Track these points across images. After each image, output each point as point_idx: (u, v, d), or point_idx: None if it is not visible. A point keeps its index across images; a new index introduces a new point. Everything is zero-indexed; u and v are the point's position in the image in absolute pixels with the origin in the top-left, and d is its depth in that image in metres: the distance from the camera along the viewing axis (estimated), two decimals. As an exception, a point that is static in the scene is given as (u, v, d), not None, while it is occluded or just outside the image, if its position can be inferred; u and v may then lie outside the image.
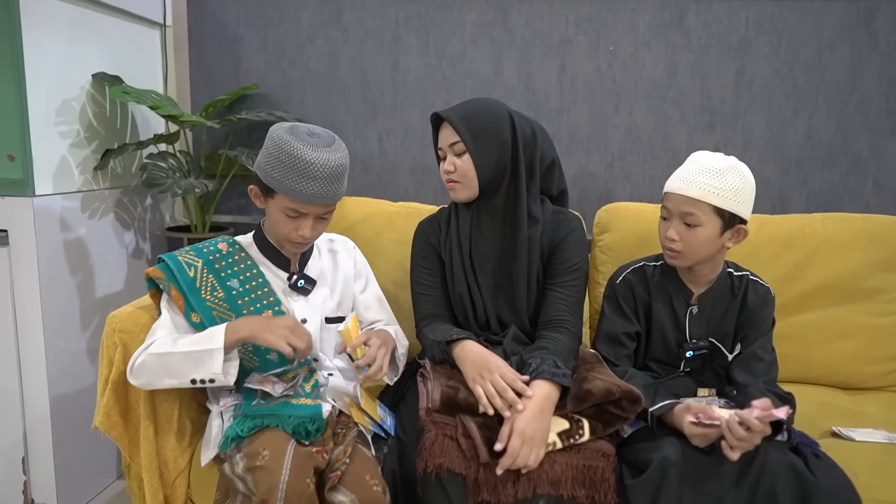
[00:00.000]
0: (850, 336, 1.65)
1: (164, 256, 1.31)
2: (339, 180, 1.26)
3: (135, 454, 1.32)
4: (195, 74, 2.20)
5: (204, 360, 1.18)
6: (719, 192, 1.27)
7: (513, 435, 1.13)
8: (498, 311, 1.42)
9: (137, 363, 1.21)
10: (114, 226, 1.93)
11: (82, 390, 1.79)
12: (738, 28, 1.94)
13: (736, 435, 1.11)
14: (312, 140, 1.23)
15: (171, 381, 1.22)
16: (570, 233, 1.43)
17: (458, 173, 1.38)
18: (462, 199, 1.42)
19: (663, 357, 1.42)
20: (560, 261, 1.41)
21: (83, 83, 1.81)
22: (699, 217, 1.28)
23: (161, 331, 1.26)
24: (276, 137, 1.24)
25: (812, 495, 1.11)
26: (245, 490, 1.11)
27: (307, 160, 1.20)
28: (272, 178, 1.24)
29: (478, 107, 1.40)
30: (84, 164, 1.82)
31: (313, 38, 2.13)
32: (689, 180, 1.29)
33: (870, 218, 1.72)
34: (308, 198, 1.23)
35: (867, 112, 1.93)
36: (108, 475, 1.92)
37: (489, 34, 2.05)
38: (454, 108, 1.40)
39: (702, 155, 1.33)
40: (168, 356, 1.20)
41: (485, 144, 1.36)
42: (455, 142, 1.37)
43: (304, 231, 1.27)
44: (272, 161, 1.23)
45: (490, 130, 1.37)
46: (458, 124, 1.36)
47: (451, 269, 1.45)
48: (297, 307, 1.35)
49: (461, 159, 1.38)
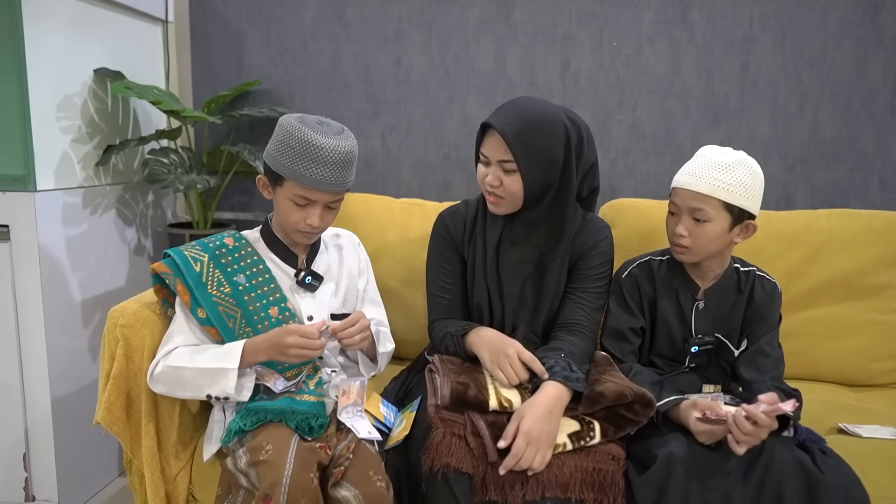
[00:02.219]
0: (856, 333, 1.64)
1: (169, 251, 1.30)
2: (349, 167, 1.25)
3: (136, 450, 1.31)
4: (197, 70, 2.19)
5: (218, 378, 1.19)
6: (728, 188, 1.26)
7: (518, 435, 1.11)
8: (516, 321, 1.39)
9: (156, 372, 1.23)
10: (115, 222, 1.93)
11: (84, 387, 1.78)
12: (742, 23, 1.93)
13: (742, 429, 1.10)
14: (322, 128, 1.24)
15: (187, 393, 1.25)
16: (600, 241, 1.39)
17: (503, 189, 1.29)
18: (500, 213, 1.34)
19: (668, 353, 1.41)
20: (586, 267, 1.38)
21: (85, 78, 1.80)
22: (708, 212, 1.27)
23: (178, 337, 1.26)
24: (286, 125, 1.24)
25: (820, 491, 1.10)
26: (248, 485, 1.10)
27: (317, 145, 1.20)
28: (281, 164, 1.23)
29: (534, 120, 1.26)
30: (86, 159, 1.81)
31: (316, 35, 2.13)
32: (698, 175, 1.27)
33: (876, 214, 1.71)
34: (317, 184, 1.22)
35: (872, 108, 1.92)
36: (110, 472, 1.92)
37: (492, 30, 2.04)
38: (508, 118, 1.26)
39: (710, 149, 1.32)
40: (184, 370, 1.21)
41: (537, 164, 1.27)
42: (507, 160, 1.26)
43: (312, 220, 1.26)
44: (282, 147, 1.23)
45: (544, 149, 1.26)
46: (514, 142, 1.24)
47: (473, 277, 1.40)
48: (303, 304, 1.34)
49: (509, 178, 1.28)
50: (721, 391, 1.39)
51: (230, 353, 1.20)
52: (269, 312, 1.29)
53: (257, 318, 1.28)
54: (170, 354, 1.24)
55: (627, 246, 1.70)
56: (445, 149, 2.13)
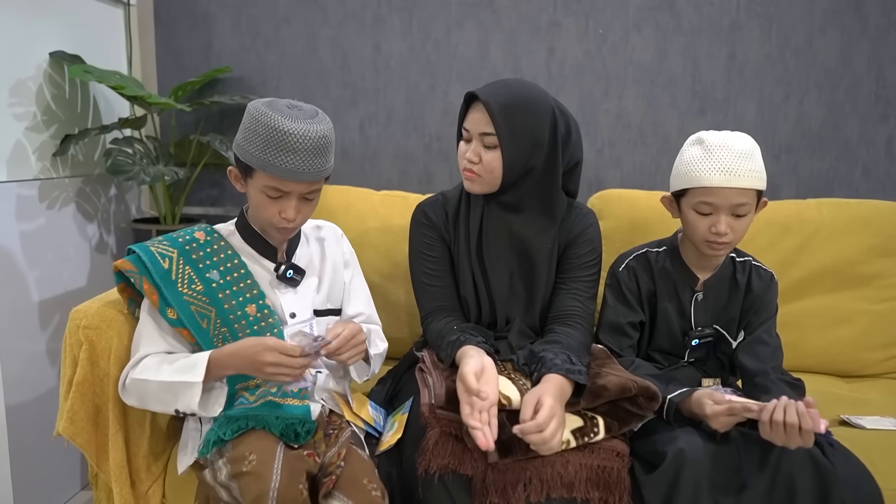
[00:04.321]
0: (848, 323, 1.63)
1: (134, 247, 1.20)
2: (323, 154, 1.15)
3: (103, 462, 1.21)
4: (162, 56, 2.07)
5: (182, 393, 1.10)
6: (760, 174, 1.24)
7: (543, 407, 1.03)
8: (509, 312, 1.33)
9: (127, 383, 1.15)
10: (75, 217, 1.81)
11: (42, 395, 1.67)
12: (728, 11, 1.91)
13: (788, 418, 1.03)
14: (293, 112, 1.14)
15: (156, 406, 1.15)
16: (586, 228, 1.34)
17: (481, 166, 1.24)
18: (476, 191, 1.29)
19: (667, 346, 1.37)
20: (575, 255, 1.32)
21: (40, 62, 1.68)
22: (749, 205, 1.24)
23: (145, 343, 1.17)
24: (252, 111, 1.15)
25: (832, 486, 1.07)
26: (229, 499, 1.02)
27: (286, 131, 1.10)
28: (250, 154, 1.14)
29: (523, 96, 1.23)
30: (42, 149, 1.69)
31: (290, 19, 2.03)
32: (734, 171, 1.21)
33: (865, 203, 1.70)
34: (289, 174, 1.12)
35: (857, 97, 1.92)
36: (72, 486, 1.80)
37: (475, 15, 1.97)
38: (496, 91, 1.23)
39: (719, 138, 1.24)
40: (150, 384, 1.12)
41: (520, 143, 1.22)
42: (488, 133, 1.22)
43: (287, 213, 1.17)
44: (249, 135, 1.14)
45: (529, 129, 1.22)
46: (498, 115, 1.20)
47: (458, 269, 1.34)
48: (284, 300, 1.25)
49: (489, 153, 1.23)
50: (720, 384, 1.36)
51: (195, 366, 1.10)
52: (247, 310, 1.20)
53: (234, 318, 1.19)
54: (138, 364, 1.14)
55: (616, 237, 1.66)
56: (427, 139, 2.05)
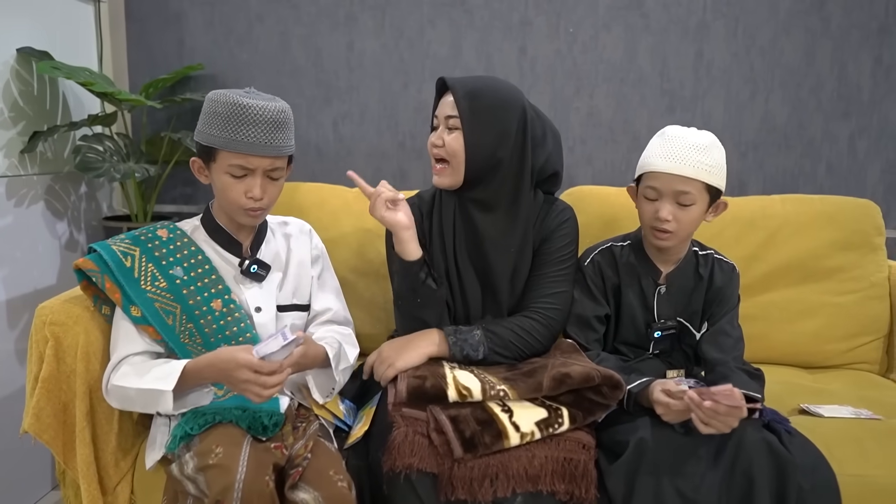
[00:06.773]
0: (812, 315, 1.67)
1: (95, 245, 1.20)
2: (283, 128, 1.17)
3: (70, 459, 1.20)
4: (133, 54, 2.06)
5: (157, 400, 1.10)
6: (710, 169, 1.25)
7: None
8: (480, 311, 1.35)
9: (109, 388, 1.15)
10: (44, 215, 1.79)
11: (10, 394, 1.65)
12: (696, 10, 1.94)
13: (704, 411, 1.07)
14: (250, 94, 1.19)
15: (138, 409, 1.17)
16: (563, 223, 1.36)
17: (445, 150, 1.26)
18: (444, 185, 1.30)
19: (633, 339, 1.39)
20: (548, 251, 1.34)
21: (7, 58, 1.66)
22: (693, 195, 1.26)
23: (123, 344, 1.17)
24: (212, 95, 1.19)
25: (788, 472, 1.09)
26: (196, 492, 1.02)
27: (245, 105, 1.14)
28: (210, 135, 1.16)
29: (491, 87, 1.27)
30: (9, 146, 1.67)
31: (263, 17, 2.02)
32: (679, 158, 1.24)
33: (827, 199, 1.74)
34: (251, 147, 1.14)
35: (820, 96, 1.96)
36: (42, 486, 1.77)
37: (448, 14, 1.99)
38: (464, 79, 1.28)
39: (679, 130, 1.29)
40: (128, 390, 1.12)
41: (483, 128, 1.25)
42: (452, 115, 1.25)
43: (254, 191, 1.18)
44: (209, 118, 1.16)
45: (494, 116, 1.25)
46: (461, 98, 1.24)
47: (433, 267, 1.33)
48: (249, 295, 1.25)
49: (452, 135, 1.26)
50: (685, 376, 1.38)
51: (169, 375, 1.10)
52: (212, 306, 1.20)
53: (199, 313, 1.19)
54: (118, 369, 1.15)
55: (590, 233, 1.68)
56: (400, 136, 2.06)
